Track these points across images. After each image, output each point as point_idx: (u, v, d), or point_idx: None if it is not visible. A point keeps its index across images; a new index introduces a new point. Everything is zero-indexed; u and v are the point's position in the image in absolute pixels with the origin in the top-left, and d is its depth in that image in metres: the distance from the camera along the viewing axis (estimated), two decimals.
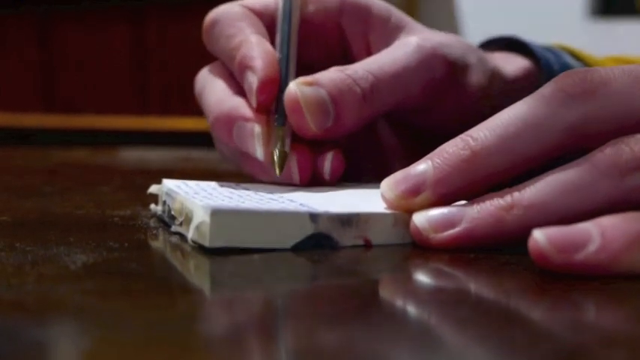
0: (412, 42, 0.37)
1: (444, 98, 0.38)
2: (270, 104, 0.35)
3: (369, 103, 0.35)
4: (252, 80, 0.35)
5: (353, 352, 0.18)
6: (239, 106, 0.35)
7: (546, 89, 0.28)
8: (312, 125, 0.33)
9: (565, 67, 0.45)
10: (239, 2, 0.40)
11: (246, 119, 0.34)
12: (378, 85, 0.35)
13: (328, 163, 0.34)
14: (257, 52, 0.35)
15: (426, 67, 0.37)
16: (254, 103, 0.35)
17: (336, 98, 0.34)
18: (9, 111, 1.68)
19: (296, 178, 0.34)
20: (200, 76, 0.40)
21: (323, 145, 0.35)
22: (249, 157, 0.35)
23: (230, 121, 0.35)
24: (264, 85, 0.34)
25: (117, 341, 0.18)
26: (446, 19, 1.73)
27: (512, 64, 0.43)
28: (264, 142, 0.34)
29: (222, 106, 0.35)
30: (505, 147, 0.28)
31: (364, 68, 0.35)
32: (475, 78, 0.39)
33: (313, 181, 0.35)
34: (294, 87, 0.33)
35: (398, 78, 0.36)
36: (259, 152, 0.34)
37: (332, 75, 0.34)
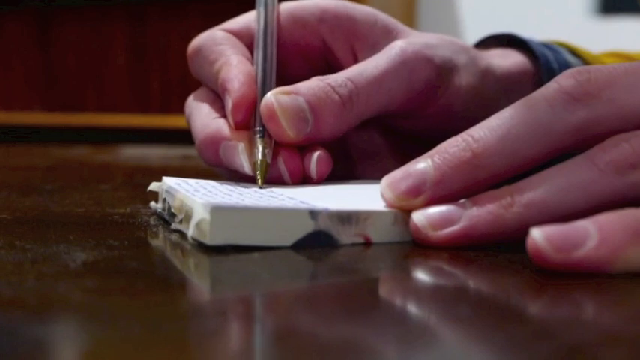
0: (396, 46, 0.37)
1: (432, 101, 0.38)
2: (247, 123, 0.35)
3: (349, 109, 0.35)
4: (228, 102, 0.35)
5: (353, 350, 0.18)
6: (222, 127, 0.36)
7: (548, 90, 0.28)
8: (289, 132, 0.34)
9: (564, 64, 0.45)
10: (220, 27, 0.40)
11: (230, 139, 0.35)
12: (358, 92, 0.35)
13: (314, 163, 0.35)
14: (234, 73, 0.36)
15: (409, 71, 0.37)
16: (231, 123, 0.35)
17: (315, 105, 0.34)
18: (9, 109, 1.68)
19: (287, 179, 0.34)
20: (187, 102, 0.41)
21: (310, 145, 0.35)
22: (239, 173, 0.35)
23: (215, 142, 0.35)
24: (237, 105, 0.35)
25: (117, 339, 0.18)
26: (446, 17, 1.73)
27: (507, 60, 0.43)
28: (249, 157, 0.34)
29: (207, 129, 0.36)
30: (507, 149, 0.28)
31: (344, 76, 0.36)
32: (465, 79, 0.39)
33: (303, 180, 0.35)
34: (271, 96, 0.34)
35: (379, 84, 0.36)
36: (247, 168, 0.34)
37: (311, 83, 0.35)
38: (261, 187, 0.33)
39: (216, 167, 0.38)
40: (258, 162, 0.34)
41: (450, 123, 0.38)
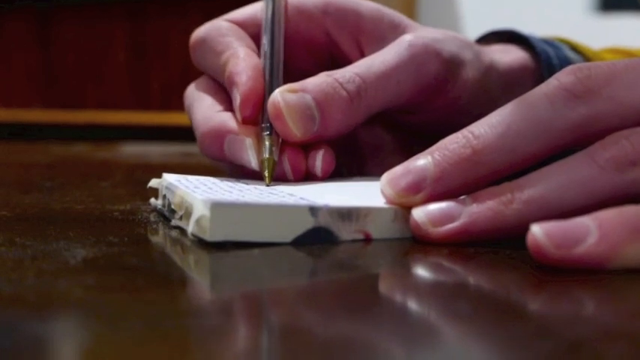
0: (404, 40, 0.37)
1: (439, 95, 0.38)
2: (255, 118, 0.35)
3: (357, 105, 0.35)
4: (236, 96, 0.35)
5: (353, 347, 0.18)
6: (227, 120, 0.35)
7: (548, 87, 0.28)
8: (296, 131, 0.34)
9: (564, 60, 0.45)
10: (224, 17, 0.40)
11: (236, 132, 0.35)
12: (366, 87, 0.35)
13: (319, 161, 0.35)
14: (242, 66, 0.36)
15: (418, 65, 0.37)
16: (239, 118, 0.35)
17: (322, 103, 0.34)
18: (9, 106, 1.68)
19: (290, 175, 0.34)
20: (188, 92, 0.40)
21: (313, 143, 0.35)
22: (243, 168, 0.35)
23: (220, 136, 0.35)
24: (246, 100, 0.35)
25: (117, 336, 0.18)
26: (446, 14, 1.73)
27: (508, 55, 0.43)
28: (256, 153, 0.34)
29: (209, 122, 0.36)
30: (507, 146, 0.28)
31: (352, 71, 0.35)
32: (471, 74, 0.39)
33: (306, 177, 0.35)
34: (278, 95, 0.34)
35: (387, 78, 0.36)
36: (254, 163, 0.34)
37: (318, 80, 0.35)
38: (268, 185, 0.33)
39: (218, 161, 0.38)
40: (266, 160, 0.33)
41: (456, 117, 0.38)
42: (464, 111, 0.39)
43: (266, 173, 0.33)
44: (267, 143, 0.34)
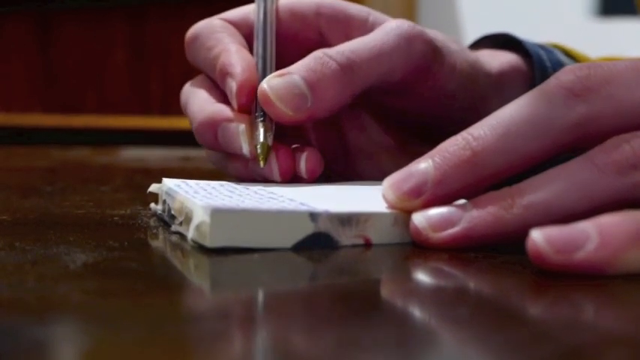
0: (390, 24, 0.38)
1: (427, 78, 0.39)
2: (250, 106, 0.36)
3: (348, 77, 0.35)
4: (232, 85, 0.36)
5: (353, 352, 0.18)
6: (222, 109, 0.36)
7: (548, 86, 0.28)
8: (288, 112, 0.34)
9: (557, 63, 0.46)
10: (218, 16, 0.41)
11: (230, 120, 0.36)
12: (355, 60, 0.36)
13: (303, 162, 0.36)
14: (235, 59, 0.37)
15: (408, 43, 0.37)
16: (235, 106, 0.36)
17: (311, 78, 0.35)
18: (9, 110, 1.68)
19: (276, 174, 0.35)
20: (184, 90, 0.41)
21: (302, 145, 0.36)
22: (235, 157, 0.36)
23: (214, 124, 0.36)
24: (242, 88, 0.36)
25: (116, 340, 0.18)
26: (446, 17, 1.73)
27: (497, 59, 0.44)
28: (248, 138, 0.35)
29: (205, 112, 0.37)
30: (506, 147, 0.28)
31: (343, 46, 0.36)
32: (458, 62, 0.40)
33: (295, 179, 0.36)
34: (264, 82, 0.35)
35: (377, 53, 0.36)
36: (245, 148, 0.35)
37: (306, 60, 0.35)
38: (263, 167, 0.34)
39: (212, 150, 0.38)
40: (259, 144, 0.34)
41: (446, 108, 0.39)
42: (454, 102, 0.40)
43: (260, 157, 0.34)
44: (261, 129, 0.35)
